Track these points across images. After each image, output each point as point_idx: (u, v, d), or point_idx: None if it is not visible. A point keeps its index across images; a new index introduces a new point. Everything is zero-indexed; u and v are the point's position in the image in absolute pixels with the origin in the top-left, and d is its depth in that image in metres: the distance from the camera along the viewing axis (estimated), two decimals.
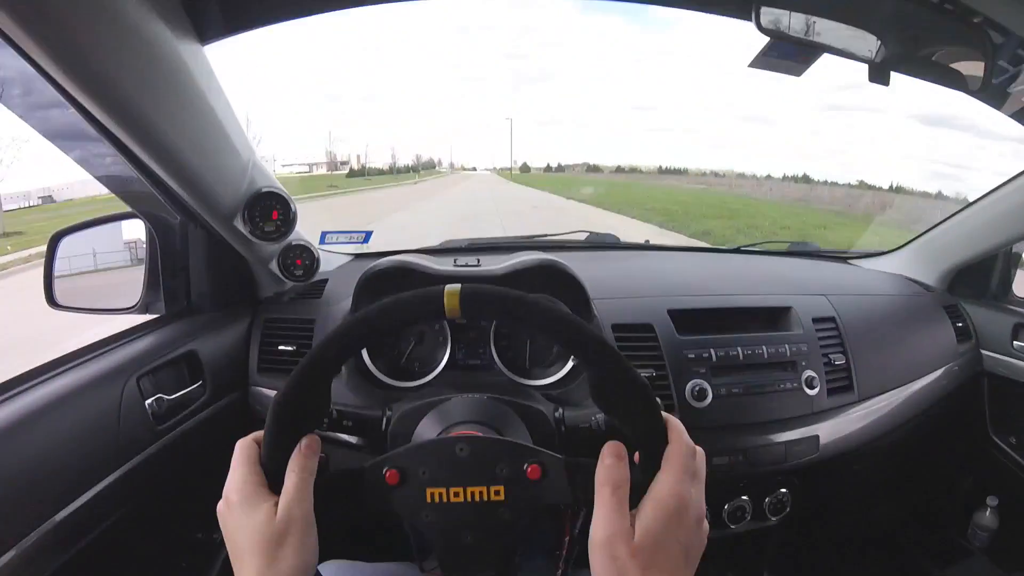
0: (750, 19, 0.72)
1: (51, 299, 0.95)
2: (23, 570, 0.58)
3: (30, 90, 0.73)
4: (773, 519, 0.98)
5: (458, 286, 0.47)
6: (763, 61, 0.83)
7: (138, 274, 0.99)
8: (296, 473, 0.45)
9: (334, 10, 0.76)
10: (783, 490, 0.97)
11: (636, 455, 0.47)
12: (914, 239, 1.31)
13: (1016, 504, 1.20)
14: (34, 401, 0.67)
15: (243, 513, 0.44)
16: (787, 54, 0.85)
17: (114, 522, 0.71)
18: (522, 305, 0.47)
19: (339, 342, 0.48)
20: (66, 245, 0.99)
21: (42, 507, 0.62)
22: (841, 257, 1.39)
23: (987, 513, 1.23)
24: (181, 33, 0.65)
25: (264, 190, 0.86)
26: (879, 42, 0.72)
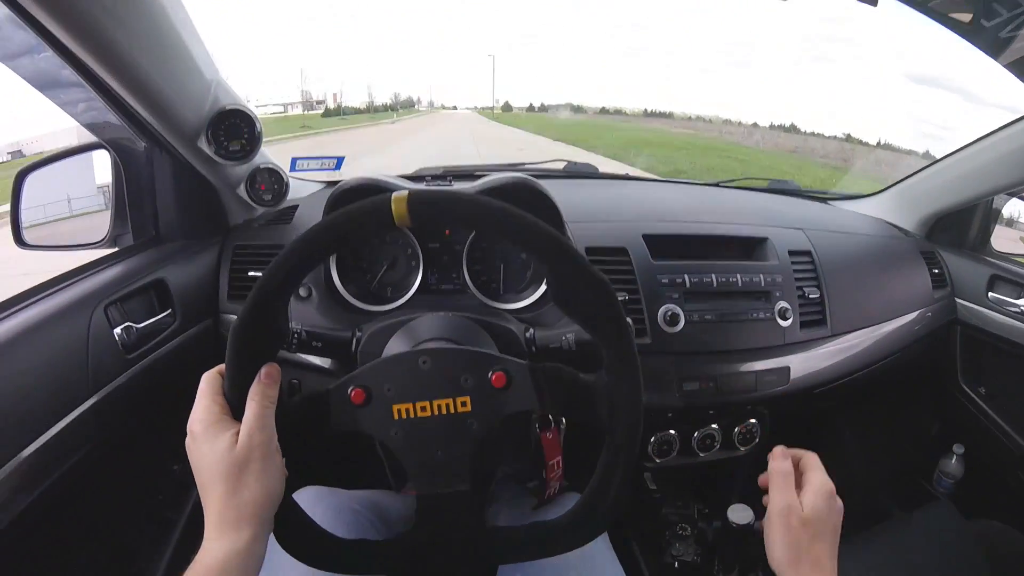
0: None
1: (19, 239, 0.92)
2: None
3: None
4: (742, 449, 0.99)
5: (405, 192, 0.45)
6: None
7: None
8: (256, 401, 0.45)
9: None
10: (752, 420, 0.98)
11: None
12: (894, 184, 1.31)
13: (982, 453, 1.23)
14: (1, 333, 0.65)
15: (206, 442, 0.44)
16: None
17: (85, 454, 0.70)
18: (475, 206, 0.46)
19: (289, 261, 0.46)
20: (33, 183, 0.97)
21: (9, 441, 0.61)
22: (820, 197, 1.39)
23: (953, 461, 1.25)
24: None
25: (228, 107, 0.83)
26: None
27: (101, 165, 1.01)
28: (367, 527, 0.68)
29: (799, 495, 0.52)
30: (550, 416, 0.74)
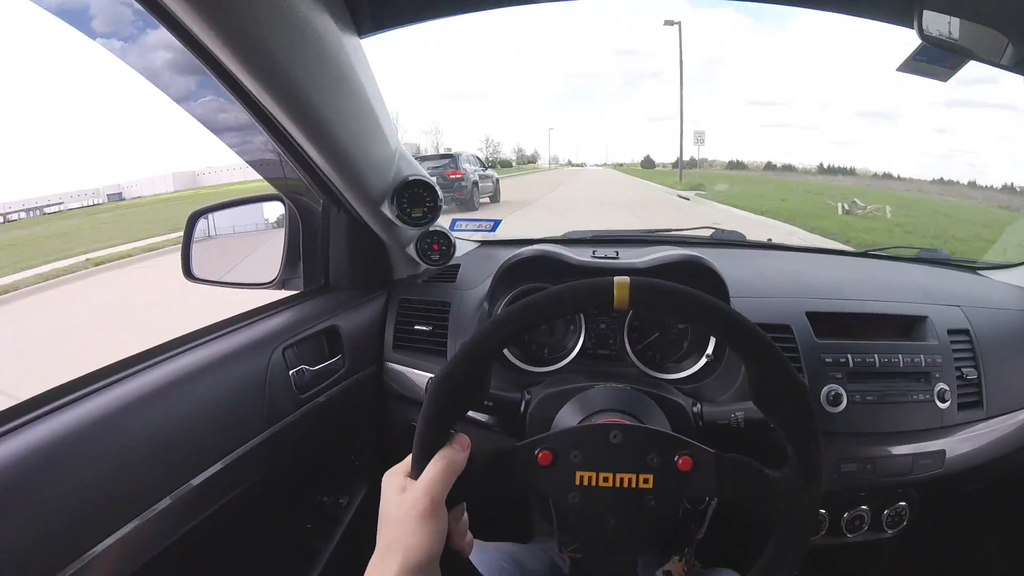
0: (911, 26, 0.70)
1: (188, 272, 1.04)
2: (163, 524, 0.61)
3: (189, 78, 0.80)
4: (889, 531, 0.95)
5: (627, 278, 0.48)
6: (912, 65, 0.81)
7: (270, 251, 1.08)
8: (443, 464, 0.47)
9: (476, 11, 0.79)
10: (902, 503, 0.94)
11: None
12: None
13: None
14: (188, 364, 0.72)
15: (390, 488, 0.48)
16: (937, 59, 0.83)
17: (250, 485, 0.75)
18: (691, 301, 0.49)
19: (508, 326, 0.49)
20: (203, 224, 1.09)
21: (186, 467, 0.65)
22: (970, 267, 1.31)
23: None
24: (343, 26, 0.68)
25: (412, 178, 0.90)
26: None
27: (271, 214, 1.13)
28: None
29: None
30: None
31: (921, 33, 0.70)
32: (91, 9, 0.72)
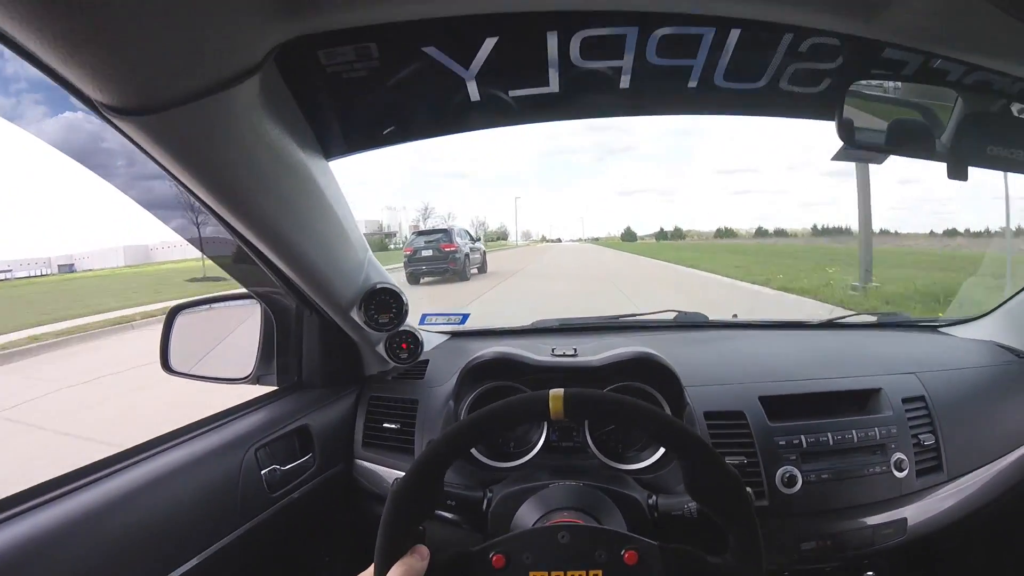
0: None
1: (166, 365, 1.07)
2: None
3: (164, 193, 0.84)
4: None
5: (561, 391, 0.53)
6: (845, 154, 0.88)
7: (245, 345, 1.11)
8: (402, 568, 0.51)
9: (439, 136, 0.85)
10: (870, 573, 0.96)
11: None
12: (1004, 303, 1.26)
13: None
14: (166, 464, 0.75)
15: None
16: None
17: None
18: (622, 408, 0.54)
19: (454, 441, 0.55)
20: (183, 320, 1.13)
21: (163, 563, 0.68)
22: (931, 326, 1.36)
23: None
24: (311, 152, 0.74)
25: (379, 286, 0.95)
26: (955, 141, 0.74)
27: (247, 311, 1.17)
28: None
29: None
30: None
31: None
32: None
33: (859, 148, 0.73)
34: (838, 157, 0.95)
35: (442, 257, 10.20)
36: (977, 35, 0.63)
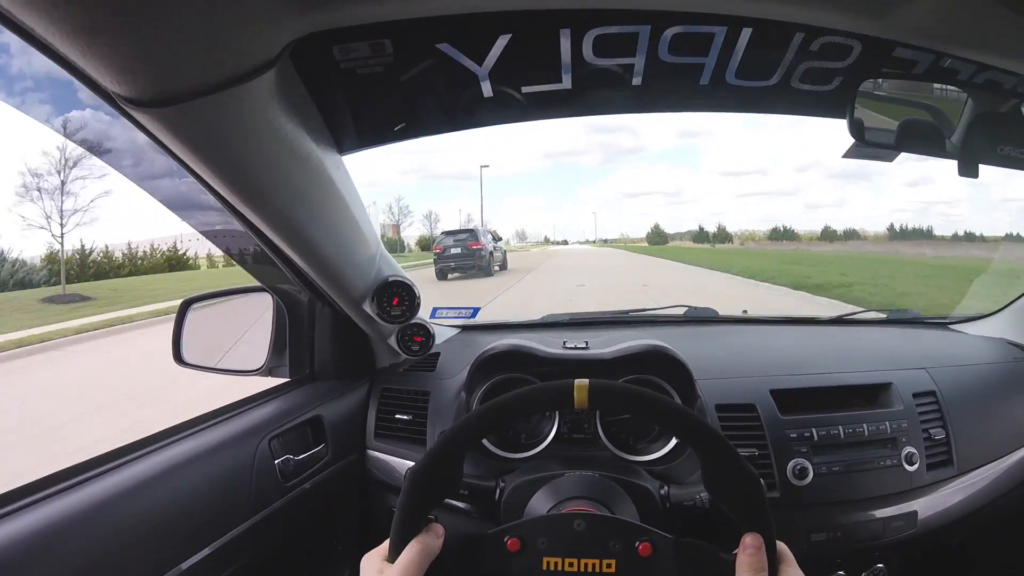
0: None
1: (178, 357, 1.09)
2: None
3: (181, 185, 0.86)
4: None
5: (587, 381, 0.54)
6: (856, 151, 0.88)
7: (257, 338, 1.13)
8: (419, 549, 0.51)
9: (450, 131, 0.85)
10: (880, 565, 0.96)
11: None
12: (1015, 300, 1.27)
13: None
14: (181, 453, 0.76)
15: (368, 571, 0.52)
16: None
17: (237, 569, 0.77)
18: (644, 401, 0.55)
19: (478, 422, 0.55)
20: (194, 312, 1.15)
21: (174, 552, 0.69)
22: (941, 323, 1.36)
23: None
24: (325, 146, 0.74)
25: (391, 279, 0.96)
26: (965, 140, 0.75)
27: (260, 304, 1.18)
28: None
29: None
30: None
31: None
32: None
33: (870, 146, 0.74)
34: (849, 154, 0.96)
35: (469, 254, 11.13)
36: (987, 35, 0.63)
